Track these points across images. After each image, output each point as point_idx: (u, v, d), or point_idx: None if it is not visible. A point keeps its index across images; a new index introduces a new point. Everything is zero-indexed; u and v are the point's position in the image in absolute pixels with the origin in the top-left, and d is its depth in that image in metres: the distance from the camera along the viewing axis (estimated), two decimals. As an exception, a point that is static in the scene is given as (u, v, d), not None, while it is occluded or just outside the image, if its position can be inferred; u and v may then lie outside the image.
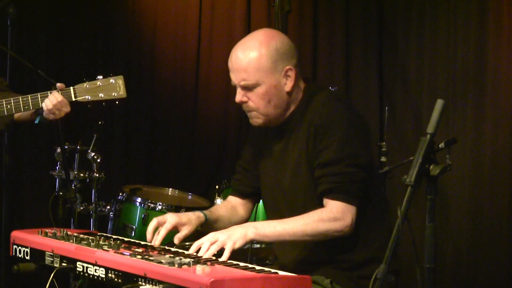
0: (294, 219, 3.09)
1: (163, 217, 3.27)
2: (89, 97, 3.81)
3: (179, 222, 3.26)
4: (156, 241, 3.18)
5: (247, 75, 3.15)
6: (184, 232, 3.25)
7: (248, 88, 3.18)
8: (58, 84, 3.87)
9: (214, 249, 2.95)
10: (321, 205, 3.12)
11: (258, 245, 4.50)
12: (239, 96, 3.22)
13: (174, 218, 3.25)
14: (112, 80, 3.81)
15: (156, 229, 3.23)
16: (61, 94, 3.84)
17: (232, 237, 2.98)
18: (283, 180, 3.27)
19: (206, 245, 2.96)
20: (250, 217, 3.64)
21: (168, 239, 3.23)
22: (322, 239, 3.10)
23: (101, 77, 3.83)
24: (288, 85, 3.19)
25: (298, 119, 3.23)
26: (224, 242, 2.97)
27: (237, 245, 2.98)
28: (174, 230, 3.25)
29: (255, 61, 3.14)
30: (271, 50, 3.15)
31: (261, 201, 3.61)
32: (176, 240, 3.22)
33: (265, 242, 3.23)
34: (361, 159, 3.12)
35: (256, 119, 3.25)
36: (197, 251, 2.97)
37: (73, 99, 3.82)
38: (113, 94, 3.81)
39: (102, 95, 3.81)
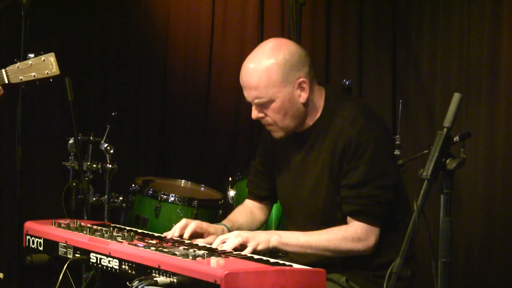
0: (318, 233, 3.08)
1: (193, 220, 3.26)
2: (22, 78, 3.75)
3: (207, 229, 3.24)
4: (188, 233, 3.15)
5: (259, 92, 3.08)
6: (207, 240, 3.21)
7: (262, 105, 3.12)
8: None
9: (237, 241, 2.94)
10: (338, 219, 3.12)
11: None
12: (255, 113, 3.17)
13: (204, 224, 3.25)
14: (43, 58, 3.73)
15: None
16: None
17: (256, 238, 2.98)
18: (301, 192, 3.24)
19: (231, 239, 2.96)
20: (268, 219, 3.64)
21: None
22: (342, 256, 3.11)
23: (32, 55, 3.77)
24: (303, 96, 3.12)
25: (321, 130, 3.17)
26: (248, 238, 2.97)
27: (260, 247, 2.98)
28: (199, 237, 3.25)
29: (265, 77, 3.06)
30: (280, 63, 3.06)
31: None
32: (186, 235, 3.20)
33: (287, 251, 3.20)
34: (388, 179, 3.09)
35: (276, 133, 3.20)
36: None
37: (6, 82, 3.76)
38: (46, 72, 3.74)
39: (35, 75, 3.73)
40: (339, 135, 3.10)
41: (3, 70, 3.75)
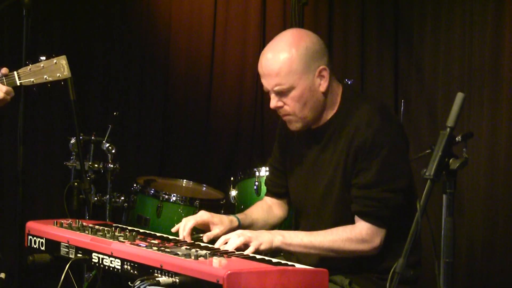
0: (322, 233, 3.08)
1: (196, 214, 3.28)
2: (34, 80, 3.76)
3: (211, 220, 3.24)
4: (185, 232, 3.17)
5: (280, 79, 3.06)
6: (215, 231, 3.23)
7: (282, 93, 3.10)
8: (2, 70, 3.78)
9: (239, 241, 2.93)
10: (349, 217, 3.11)
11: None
12: (274, 102, 3.14)
13: (206, 215, 3.26)
14: (55, 61, 3.74)
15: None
16: (5, 79, 3.79)
17: (259, 238, 2.97)
18: (314, 190, 3.23)
19: (233, 239, 2.95)
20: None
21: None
22: (347, 257, 3.09)
23: (44, 58, 3.78)
24: (323, 85, 3.11)
25: (336, 128, 3.15)
26: (251, 238, 2.96)
27: (262, 247, 2.97)
28: (206, 230, 3.26)
29: (287, 64, 3.05)
30: (301, 51, 3.06)
31: None
32: (205, 238, 3.19)
33: (290, 252, 3.19)
34: (400, 182, 3.07)
35: (295, 124, 3.18)
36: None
37: (18, 84, 3.77)
38: (57, 75, 3.75)
39: (47, 77, 3.74)
40: (354, 135, 3.08)
41: (15, 72, 3.76)
